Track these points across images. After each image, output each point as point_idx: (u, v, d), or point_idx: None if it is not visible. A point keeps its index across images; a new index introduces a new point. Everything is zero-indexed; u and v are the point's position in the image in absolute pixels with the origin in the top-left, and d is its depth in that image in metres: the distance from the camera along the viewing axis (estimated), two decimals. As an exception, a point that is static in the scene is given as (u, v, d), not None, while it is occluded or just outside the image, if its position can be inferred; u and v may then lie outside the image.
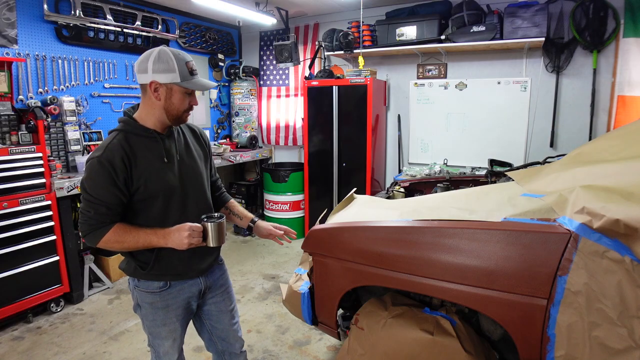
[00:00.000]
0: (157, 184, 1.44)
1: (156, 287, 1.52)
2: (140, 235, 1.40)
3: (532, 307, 1.36)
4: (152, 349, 1.62)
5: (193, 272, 1.57)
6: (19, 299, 2.91)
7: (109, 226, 1.39)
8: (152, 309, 1.54)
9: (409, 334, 1.61)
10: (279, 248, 4.62)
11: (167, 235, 1.40)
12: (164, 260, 1.49)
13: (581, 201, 1.35)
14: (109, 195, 1.36)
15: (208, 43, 5.12)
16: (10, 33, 3.24)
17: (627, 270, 1.19)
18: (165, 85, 1.40)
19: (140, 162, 1.41)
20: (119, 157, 1.36)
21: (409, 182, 3.03)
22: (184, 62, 1.41)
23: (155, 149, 1.46)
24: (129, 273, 1.54)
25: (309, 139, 4.56)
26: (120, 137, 1.41)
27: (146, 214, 1.46)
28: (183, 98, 1.44)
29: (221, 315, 1.70)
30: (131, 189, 1.41)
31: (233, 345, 1.75)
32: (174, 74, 1.39)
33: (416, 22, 4.00)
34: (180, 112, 1.46)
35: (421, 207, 1.89)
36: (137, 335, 2.84)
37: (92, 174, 1.36)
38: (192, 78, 1.44)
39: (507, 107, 4.02)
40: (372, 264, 1.74)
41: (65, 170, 3.54)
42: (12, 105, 3.09)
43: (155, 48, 1.41)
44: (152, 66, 1.38)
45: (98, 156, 1.36)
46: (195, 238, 1.40)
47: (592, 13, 3.51)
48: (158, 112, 1.45)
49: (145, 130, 1.45)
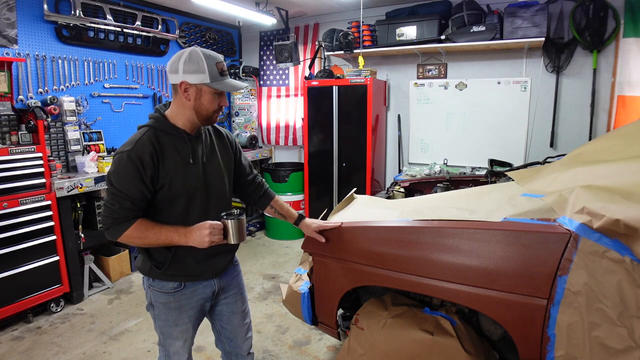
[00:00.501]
0: (181, 184, 1.44)
1: (170, 288, 1.52)
2: (162, 232, 1.40)
3: (532, 307, 1.36)
4: (163, 347, 1.62)
5: (208, 274, 1.57)
6: (19, 299, 2.91)
7: (132, 221, 1.38)
8: (165, 309, 1.54)
9: (409, 334, 1.61)
10: (278, 248, 4.62)
11: (188, 234, 1.40)
12: (180, 261, 1.50)
13: (581, 201, 1.35)
14: (135, 190, 1.36)
15: (208, 43, 5.12)
16: (10, 33, 3.24)
17: (627, 270, 1.19)
18: (195, 85, 1.40)
19: (167, 160, 1.42)
20: (148, 153, 1.37)
21: (409, 182, 3.03)
22: (214, 63, 1.40)
23: (183, 149, 1.46)
24: (145, 272, 1.54)
25: (309, 139, 4.56)
26: (150, 133, 1.42)
27: (168, 212, 1.46)
28: (213, 99, 1.43)
29: (232, 317, 1.70)
30: (156, 186, 1.41)
31: (240, 347, 1.75)
32: (203, 75, 1.38)
33: (416, 22, 4.00)
34: (210, 113, 1.46)
35: (421, 207, 1.89)
36: (137, 335, 2.84)
37: (120, 168, 1.36)
38: (222, 79, 1.43)
39: (507, 107, 4.02)
40: (372, 264, 1.74)
41: (65, 170, 3.54)
42: (12, 105, 3.09)
43: (187, 48, 1.42)
44: (182, 66, 1.39)
45: (128, 150, 1.36)
46: (216, 236, 1.41)
47: (592, 13, 3.50)
48: (188, 112, 1.45)
49: (175, 130, 1.46)
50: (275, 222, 4.92)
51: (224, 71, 1.44)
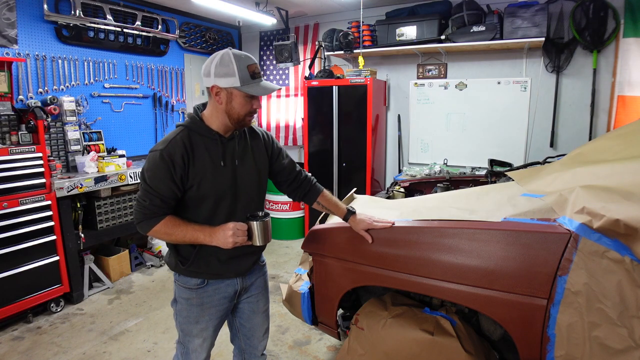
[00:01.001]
0: (210, 186, 1.45)
1: (193, 284, 1.54)
2: (188, 230, 1.43)
3: (532, 307, 1.36)
4: (181, 345, 1.63)
5: (231, 273, 1.58)
6: (19, 299, 2.91)
7: (161, 218, 1.42)
8: (187, 305, 1.56)
9: (409, 334, 1.61)
10: (278, 248, 4.62)
11: (212, 234, 1.42)
12: (203, 260, 1.51)
13: (581, 201, 1.35)
14: (165, 188, 1.39)
15: (208, 43, 5.12)
16: (10, 33, 3.24)
17: (627, 270, 1.19)
18: (226, 89, 1.40)
19: (197, 162, 1.43)
20: (180, 153, 1.39)
21: (409, 182, 3.03)
22: (245, 66, 1.39)
23: (215, 152, 1.47)
24: (171, 267, 1.57)
25: (309, 139, 4.56)
26: (184, 133, 1.44)
27: (195, 212, 1.48)
28: (244, 102, 1.42)
29: (252, 315, 1.71)
30: (185, 186, 1.43)
31: (256, 347, 1.75)
32: (233, 78, 1.37)
33: (416, 22, 4.00)
34: (242, 116, 1.45)
35: (421, 207, 1.89)
36: (137, 335, 2.84)
37: (153, 166, 1.39)
38: (254, 82, 1.41)
39: (507, 107, 4.02)
40: (372, 264, 1.74)
41: (65, 170, 3.54)
42: (12, 105, 3.09)
43: (220, 51, 1.41)
44: (214, 70, 1.39)
45: (161, 149, 1.39)
46: (240, 237, 1.42)
47: (592, 13, 3.50)
48: (221, 115, 1.45)
49: (209, 132, 1.47)
50: (276, 222, 4.92)
51: (255, 74, 1.42)
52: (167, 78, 4.63)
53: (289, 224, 4.90)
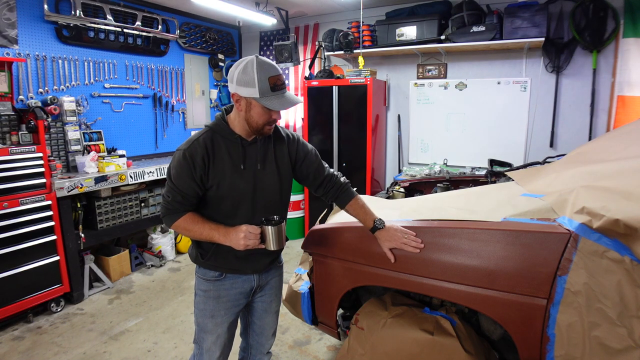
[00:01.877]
0: (228, 187, 1.48)
1: (212, 276, 1.58)
2: (205, 228, 1.48)
3: (532, 307, 1.36)
4: (197, 344, 1.67)
5: (248, 270, 1.61)
6: (19, 298, 2.91)
7: (182, 214, 1.49)
8: (204, 297, 1.60)
9: (409, 334, 1.61)
10: (279, 248, 4.62)
11: (227, 234, 1.46)
12: (222, 255, 1.55)
13: (581, 201, 1.35)
14: (186, 186, 1.45)
15: (208, 43, 5.12)
16: (10, 33, 3.24)
17: (627, 270, 1.19)
18: (245, 98, 1.41)
19: (217, 163, 1.47)
20: (201, 154, 1.43)
21: (409, 182, 3.03)
22: (266, 77, 1.37)
23: (236, 154, 1.49)
24: (192, 259, 1.62)
25: (309, 139, 4.56)
26: (207, 135, 1.48)
27: (214, 210, 1.53)
28: (262, 112, 1.42)
29: (264, 315, 1.74)
30: (206, 185, 1.48)
31: (263, 344, 1.78)
32: (253, 89, 1.37)
33: (416, 22, 4.00)
34: (260, 126, 1.46)
35: (421, 207, 1.89)
36: (137, 335, 2.85)
37: (176, 164, 1.46)
38: (273, 94, 1.39)
39: (507, 107, 4.02)
40: (372, 264, 1.75)
41: (66, 170, 3.54)
42: (12, 105, 3.09)
43: (247, 57, 1.40)
44: (236, 77, 1.40)
45: (184, 149, 1.45)
46: (252, 240, 1.44)
47: (592, 13, 3.50)
48: (242, 121, 1.48)
49: (231, 134, 1.50)
50: (275, 222, 4.93)
51: (277, 86, 1.40)
52: (167, 78, 4.63)
53: (289, 224, 4.91)
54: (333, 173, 1.75)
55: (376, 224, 1.64)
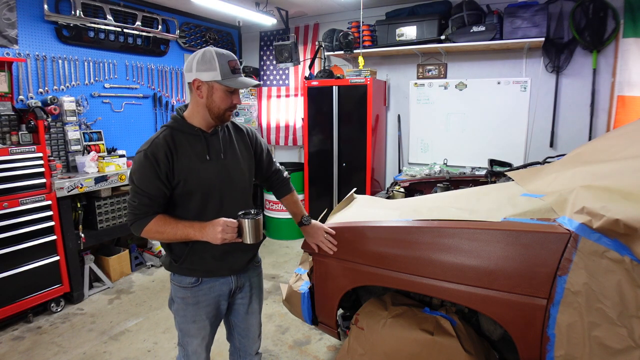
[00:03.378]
0: (196, 181, 1.48)
1: (188, 283, 1.56)
2: (179, 227, 1.45)
3: (532, 307, 1.36)
4: (182, 347, 1.65)
5: (225, 271, 1.59)
6: (19, 298, 2.91)
7: (152, 217, 1.45)
8: (183, 304, 1.57)
9: (409, 334, 1.61)
10: (279, 248, 4.62)
11: (203, 229, 1.44)
12: (197, 256, 1.53)
13: (581, 201, 1.35)
14: (152, 187, 1.42)
15: (208, 43, 5.11)
16: (10, 33, 3.24)
17: (627, 270, 1.19)
18: (207, 83, 1.44)
19: (182, 158, 1.46)
20: (163, 151, 1.42)
21: (409, 182, 3.03)
22: (226, 61, 1.44)
23: (198, 147, 1.49)
24: (166, 266, 1.60)
25: (309, 139, 4.56)
26: (167, 133, 1.47)
27: (184, 208, 1.50)
28: (224, 96, 1.46)
29: (247, 316, 1.72)
30: (172, 183, 1.46)
31: (250, 346, 1.77)
32: (215, 72, 1.42)
33: (416, 22, 4.00)
34: (222, 111, 1.48)
35: (421, 207, 1.89)
36: (137, 335, 2.85)
37: (138, 166, 1.43)
38: (234, 76, 1.46)
39: (507, 107, 4.02)
40: (372, 264, 1.75)
41: (66, 170, 3.54)
42: (12, 105, 3.09)
43: (202, 49, 1.46)
44: (195, 65, 1.44)
45: (145, 150, 1.43)
46: (229, 234, 1.43)
47: (592, 13, 3.50)
48: (202, 110, 1.49)
49: (190, 128, 1.50)
50: (276, 222, 4.92)
51: (236, 69, 1.47)
52: (167, 78, 4.63)
53: (289, 224, 4.90)
54: (279, 167, 1.86)
55: (303, 220, 1.83)
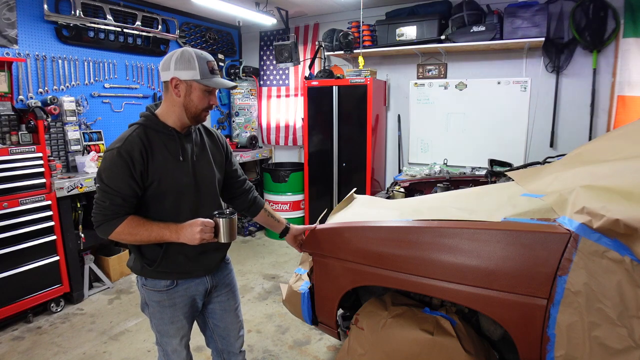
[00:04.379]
0: (170, 181, 1.45)
1: (163, 286, 1.53)
2: (153, 228, 1.41)
3: (532, 307, 1.36)
4: (160, 347, 1.64)
5: (199, 271, 1.58)
6: (19, 299, 2.91)
7: (123, 218, 1.39)
8: (159, 307, 1.55)
9: (409, 334, 1.61)
10: (279, 248, 4.62)
11: (179, 230, 1.41)
12: (171, 258, 1.50)
13: (581, 201, 1.35)
14: (125, 186, 1.38)
15: (208, 43, 5.12)
16: (10, 33, 3.24)
17: (627, 270, 1.19)
18: (186, 82, 1.43)
19: (156, 157, 1.43)
20: (138, 149, 1.38)
21: (409, 182, 3.03)
22: (205, 61, 1.44)
23: (172, 147, 1.47)
24: (137, 271, 1.55)
25: (309, 139, 4.56)
26: (140, 130, 1.44)
27: (157, 209, 1.47)
28: (202, 96, 1.45)
29: (225, 314, 1.71)
30: (145, 182, 1.42)
31: (233, 345, 1.76)
32: (194, 72, 1.41)
33: (416, 22, 4.00)
34: (199, 110, 1.47)
35: (421, 207, 1.89)
36: (137, 335, 2.85)
37: (110, 164, 1.37)
38: (212, 77, 1.45)
39: (507, 107, 4.02)
40: (372, 264, 1.74)
41: (66, 170, 3.54)
42: (12, 105, 3.09)
43: (180, 48, 1.46)
44: (174, 64, 1.42)
45: (118, 147, 1.37)
46: (207, 234, 1.42)
47: (592, 13, 3.50)
48: (178, 109, 1.46)
49: (164, 127, 1.47)
50: (275, 222, 4.92)
51: (214, 70, 1.47)
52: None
53: (289, 224, 4.90)
54: (245, 178, 1.83)
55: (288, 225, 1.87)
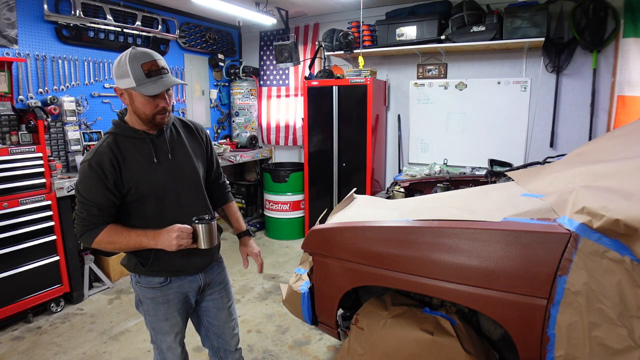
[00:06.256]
0: (148, 185, 1.45)
1: (156, 283, 1.54)
2: (131, 236, 1.42)
3: (532, 307, 1.36)
4: (155, 345, 1.64)
5: (192, 269, 1.59)
6: (19, 299, 2.91)
7: (101, 227, 1.42)
8: (153, 304, 1.56)
9: (409, 334, 1.61)
10: (278, 248, 4.62)
11: (156, 237, 1.42)
12: (163, 258, 1.50)
13: (581, 201, 1.35)
14: (99, 197, 1.39)
15: (208, 43, 5.12)
16: (10, 33, 3.24)
17: (627, 270, 1.19)
18: (126, 90, 1.39)
19: (129, 163, 1.42)
20: (108, 159, 1.38)
21: (409, 182, 3.03)
22: (138, 65, 1.34)
23: (145, 150, 1.46)
24: (130, 269, 1.56)
25: (309, 139, 4.56)
26: (110, 140, 1.43)
27: (140, 214, 1.47)
28: (145, 102, 1.39)
29: (218, 313, 1.72)
30: (122, 190, 1.42)
31: (229, 342, 1.76)
32: (129, 79, 1.35)
33: (416, 22, 4.00)
34: (149, 116, 1.42)
35: (421, 207, 1.89)
36: (137, 335, 2.85)
37: (83, 177, 1.40)
38: (149, 80, 1.36)
39: (507, 107, 4.02)
40: (372, 264, 1.74)
41: (66, 170, 3.54)
42: (12, 105, 3.09)
43: (126, 51, 1.39)
44: (114, 71, 1.39)
45: (88, 160, 1.39)
46: (185, 239, 1.41)
47: (592, 13, 3.50)
48: (134, 115, 1.45)
49: (134, 132, 1.46)
50: (276, 222, 4.92)
51: (152, 71, 1.36)
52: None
53: (289, 224, 4.91)
54: (221, 172, 1.84)
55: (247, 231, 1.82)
